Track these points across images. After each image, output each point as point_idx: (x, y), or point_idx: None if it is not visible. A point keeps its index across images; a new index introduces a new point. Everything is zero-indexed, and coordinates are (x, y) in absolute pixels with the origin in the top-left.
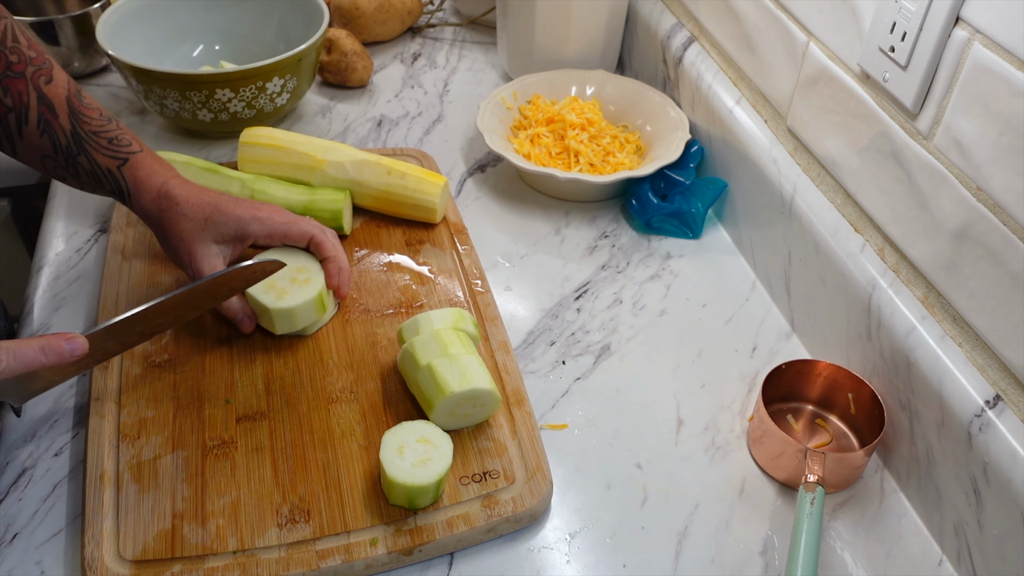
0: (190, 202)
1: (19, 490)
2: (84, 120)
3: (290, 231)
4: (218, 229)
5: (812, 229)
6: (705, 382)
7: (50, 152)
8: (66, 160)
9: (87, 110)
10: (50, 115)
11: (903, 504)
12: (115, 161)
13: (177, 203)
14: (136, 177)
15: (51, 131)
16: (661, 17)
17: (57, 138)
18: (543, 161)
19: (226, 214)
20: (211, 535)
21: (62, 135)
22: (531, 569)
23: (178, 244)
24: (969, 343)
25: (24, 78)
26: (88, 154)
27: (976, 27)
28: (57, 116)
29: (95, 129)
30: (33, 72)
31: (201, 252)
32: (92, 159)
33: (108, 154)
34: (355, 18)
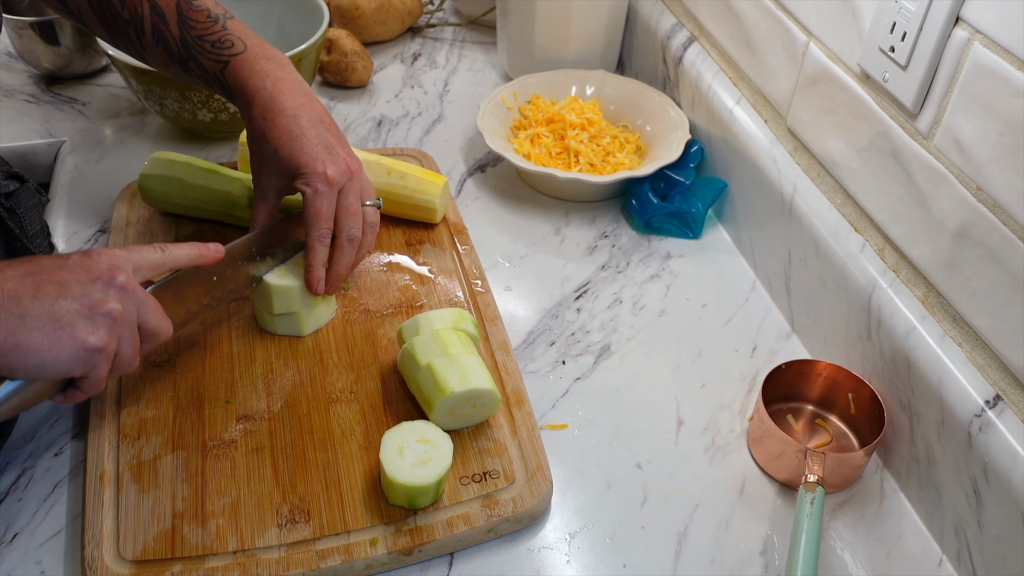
0: (277, 122)
1: (19, 490)
2: (191, 25)
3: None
4: (280, 164)
5: (812, 229)
6: (705, 382)
7: (168, 60)
8: (181, 67)
9: (195, 13)
10: (161, 23)
11: (903, 504)
12: (218, 64)
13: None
14: (236, 79)
15: (164, 40)
16: (661, 17)
17: (170, 46)
18: (543, 161)
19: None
20: (211, 535)
21: (173, 43)
22: (531, 569)
23: (252, 158)
24: (969, 343)
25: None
26: (196, 60)
27: (976, 27)
28: (168, 24)
29: (200, 33)
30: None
31: (262, 180)
32: (200, 64)
33: (211, 58)
34: (355, 18)
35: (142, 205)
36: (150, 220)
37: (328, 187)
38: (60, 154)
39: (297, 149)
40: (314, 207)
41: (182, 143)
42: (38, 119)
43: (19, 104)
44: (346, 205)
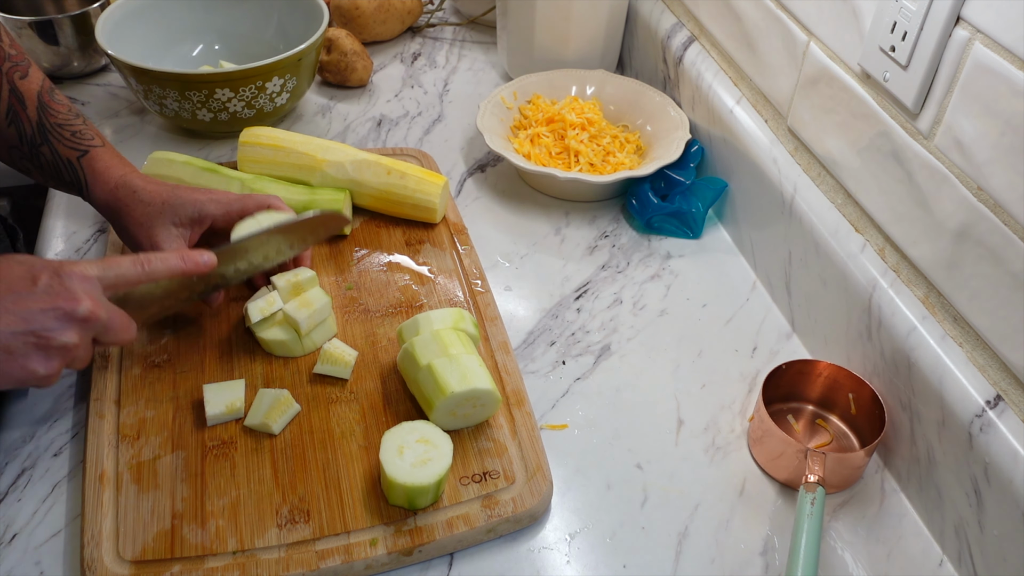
0: (147, 189)
1: (19, 490)
2: (51, 113)
3: (246, 204)
4: (176, 212)
5: (812, 229)
6: (705, 382)
7: (16, 142)
8: (30, 150)
9: (56, 104)
10: (19, 107)
11: (903, 504)
12: (75, 152)
13: (134, 191)
14: (94, 168)
15: (18, 122)
16: (661, 17)
17: (23, 128)
18: (543, 161)
19: (183, 197)
20: (211, 535)
21: (28, 125)
22: (531, 569)
23: (136, 230)
24: (970, 343)
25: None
26: (51, 144)
27: (977, 27)
28: (25, 108)
29: (60, 122)
30: (10, 67)
31: (162, 234)
32: (54, 149)
33: (69, 145)
34: (355, 18)
35: None
36: None
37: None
38: None
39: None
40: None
41: (182, 143)
42: None
43: None
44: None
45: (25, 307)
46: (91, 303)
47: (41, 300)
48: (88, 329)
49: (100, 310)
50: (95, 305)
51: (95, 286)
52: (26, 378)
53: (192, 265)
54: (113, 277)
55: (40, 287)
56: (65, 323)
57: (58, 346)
